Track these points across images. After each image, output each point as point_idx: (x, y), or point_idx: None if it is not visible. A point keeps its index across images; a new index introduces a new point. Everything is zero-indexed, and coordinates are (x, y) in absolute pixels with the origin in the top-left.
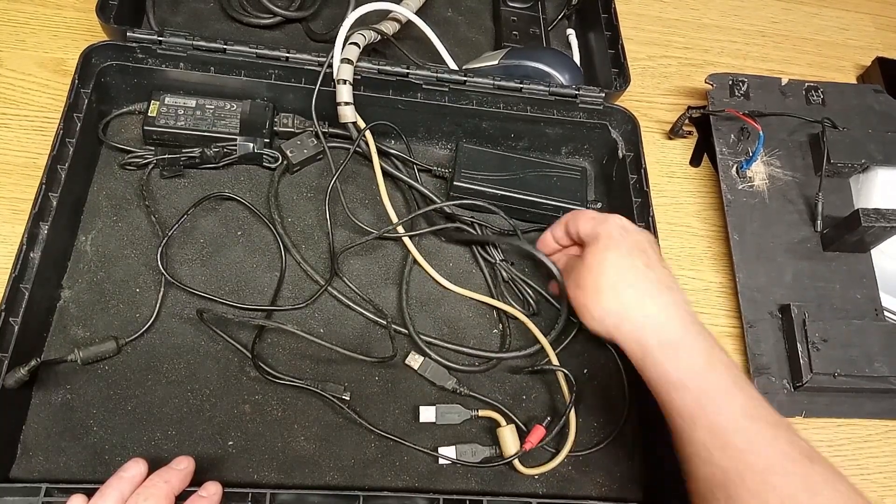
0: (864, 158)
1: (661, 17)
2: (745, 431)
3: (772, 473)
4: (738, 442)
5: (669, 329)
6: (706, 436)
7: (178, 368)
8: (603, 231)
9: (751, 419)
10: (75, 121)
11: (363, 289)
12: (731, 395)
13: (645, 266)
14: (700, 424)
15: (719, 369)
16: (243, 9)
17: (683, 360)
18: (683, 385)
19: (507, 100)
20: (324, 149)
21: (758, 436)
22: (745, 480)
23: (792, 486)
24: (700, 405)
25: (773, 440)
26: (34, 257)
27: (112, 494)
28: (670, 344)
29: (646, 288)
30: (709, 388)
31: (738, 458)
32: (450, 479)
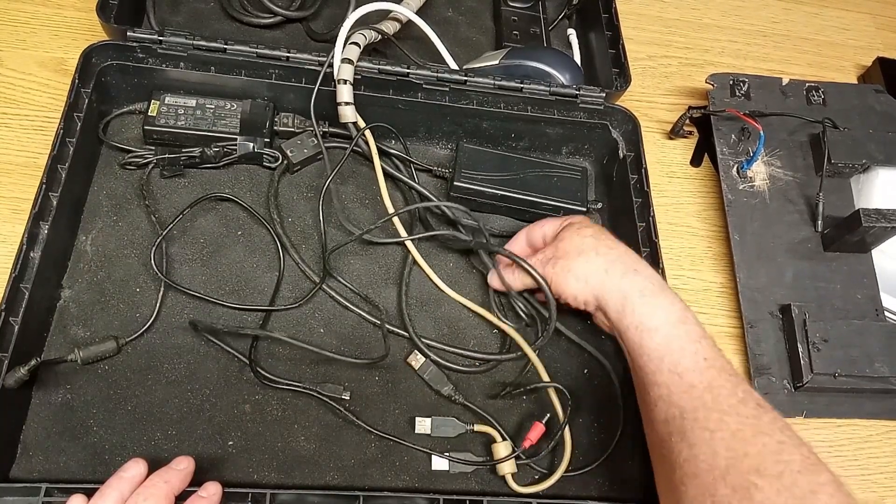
0: (865, 158)
1: (662, 17)
2: (706, 375)
3: (726, 413)
4: (698, 383)
5: (650, 283)
6: (670, 377)
7: (178, 368)
8: (570, 220)
9: (715, 369)
10: (75, 120)
11: (363, 289)
12: (700, 344)
13: (615, 242)
14: (666, 366)
15: (692, 322)
16: (244, 8)
17: (661, 308)
18: (657, 329)
19: (508, 100)
20: (322, 149)
21: (718, 381)
22: (700, 419)
23: (742, 426)
24: (670, 348)
25: (732, 388)
26: (34, 257)
27: (112, 495)
28: (651, 294)
29: (624, 251)
30: (681, 334)
31: (697, 397)
32: (450, 479)
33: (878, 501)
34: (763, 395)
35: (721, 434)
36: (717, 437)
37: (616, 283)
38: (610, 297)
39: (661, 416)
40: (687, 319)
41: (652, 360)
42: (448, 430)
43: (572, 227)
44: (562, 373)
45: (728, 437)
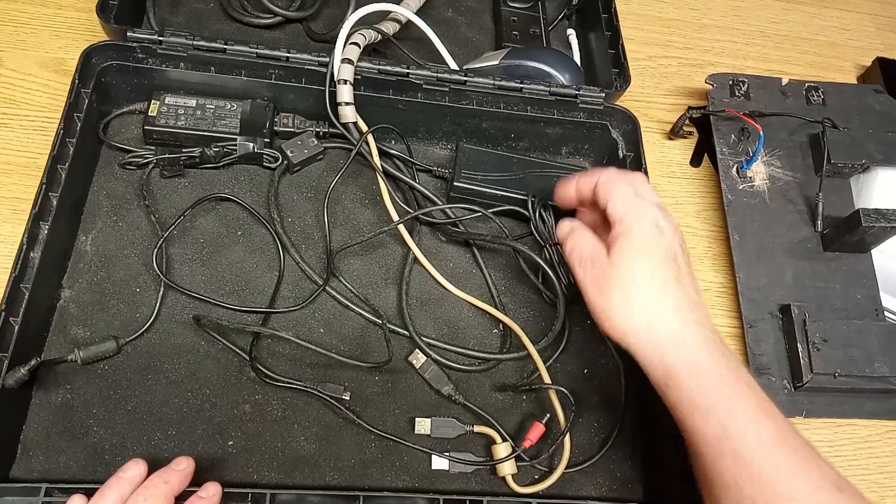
0: (865, 158)
1: (662, 18)
2: (772, 460)
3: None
4: (766, 472)
5: (695, 350)
6: (732, 464)
7: (178, 368)
8: (637, 228)
9: (778, 447)
10: (75, 120)
11: (363, 289)
12: (759, 422)
13: (675, 279)
14: (726, 452)
15: (745, 394)
16: (243, 9)
17: (709, 385)
18: (709, 411)
19: (508, 100)
20: (323, 149)
21: (786, 465)
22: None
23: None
24: (727, 433)
25: (801, 469)
26: (34, 257)
27: (111, 495)
28: (696, 366)
29: (674, 304)
30: (736, 414)
31: (766, 488)
32: (450, 479)
33: (878, 501)
34: None
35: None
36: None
37: (656, 352)
38: (648, 364)
39: (726, 502)
40: (740, 390)
41: (709, 446)
42: (448, 431)
43: (630, 246)
44: (562, 372)
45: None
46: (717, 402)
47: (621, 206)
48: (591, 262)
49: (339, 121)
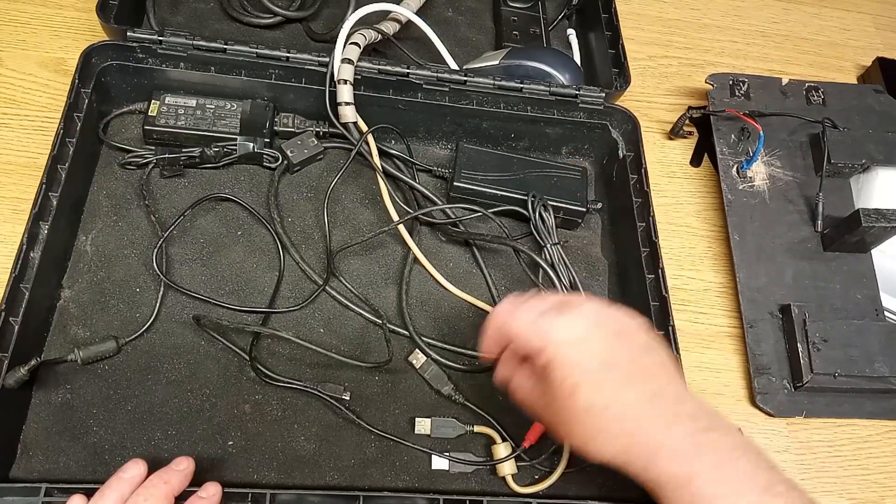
0: (865, 158)
1: (662, 18)
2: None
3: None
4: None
5: (678, 462)
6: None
7: (178, 368)
8: (554, 356)
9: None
10: (75, 120)
11: (363, 289)
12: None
13: (620, 386)
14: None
15: (743, 493)
16: (243, 9)
17: (703, 498)
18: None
19: (508, 100)
20: (323, 149)
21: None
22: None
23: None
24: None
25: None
26: (34, 257)
27: (111, 495)
28: (686, 480)
29: (635, 414)
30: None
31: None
32: (450, 479)
33: (878, 501)
34: (763, 396)
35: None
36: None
37: (643, 472)
38: (644, 484)
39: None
40: (732, 487)
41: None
42: (448, 431)
43: (562, 380)
44: None
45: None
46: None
47: (530, 340)
48: (542, 408)
49: (339, 121)
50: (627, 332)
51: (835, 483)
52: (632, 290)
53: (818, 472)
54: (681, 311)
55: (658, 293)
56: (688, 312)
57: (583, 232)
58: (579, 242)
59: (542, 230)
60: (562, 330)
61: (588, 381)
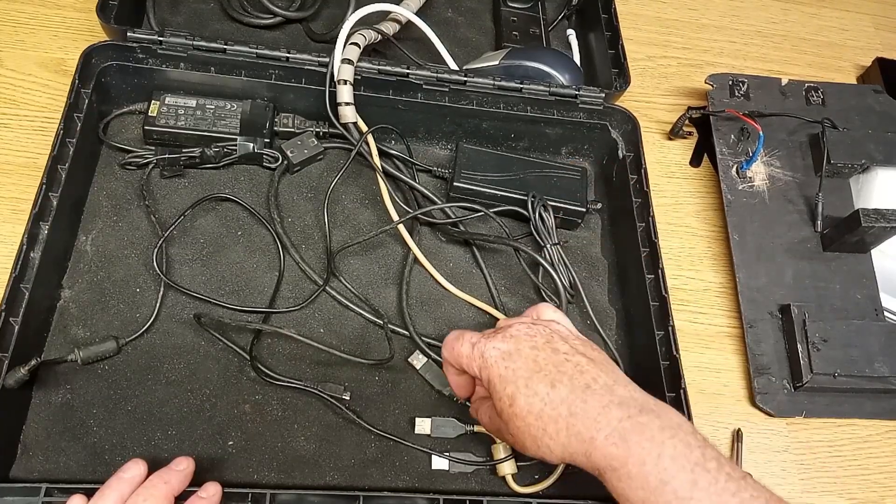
0: (864, 159)
1: (661, 18)
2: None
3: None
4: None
5: (611, 446)
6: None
7: (178, 368)
8: (490, 374)
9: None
10: (75, 121)
11: (363, 289)
12: (693, 500)
13: (550, 386)
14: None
15: (672, 472)
16: (243, 9)
17: (636, 479)
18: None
19: (508, 100)
20: (323, 149)
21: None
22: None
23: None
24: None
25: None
26: (34, 257)
27: (111, 495)
28: (619, 463)
29: (568, 409)
30: (670, 499)
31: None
32: (450, 479)
33: (878, 501)
34: (763, 395)
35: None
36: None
37: (587, 465)
38: (602, 459)
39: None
40: (663, 477)
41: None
42: (448, 431)
43: (498, 394)
44: None
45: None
46: (647, 498)
47: (472, 367)
48: (499, 432)
49: (339, 121)
50: (555, 338)
51: (835, 483)
52: (632, 290)
53: (818, 472)
54: (680, 311)
55: (658, 293)
56: (687, 312)
57: (583, 232)
58: (579, 242)
59: (542, 230)
60: (493, 349)
61: (521, 388)
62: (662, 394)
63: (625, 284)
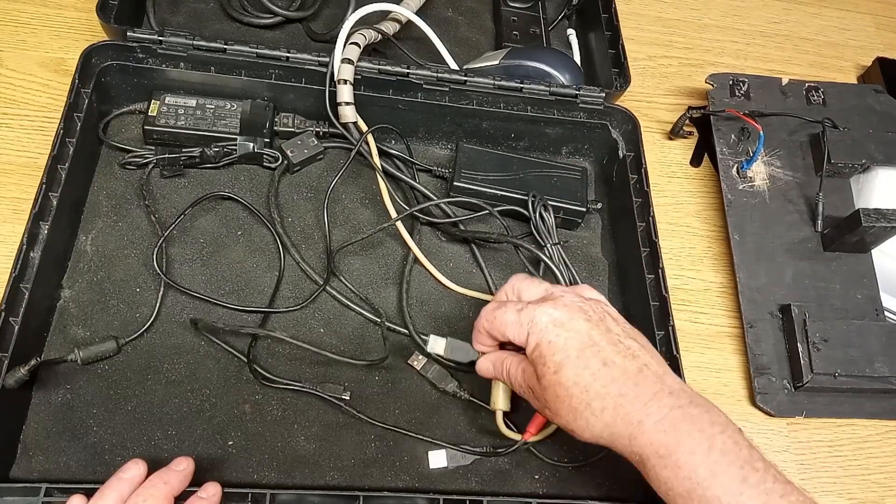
0: (865, 158)
1: (662, 18)
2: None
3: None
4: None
5: (660, 433)
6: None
7: (178, 368)
8: (539, 339)
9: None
10: (75, 120)
11: (363, 288)
12: (743, 495)
13: (602, 363)
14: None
15: (723, 466)
16: (243, 9)
17: (684, 468)
18: (690, 496)
19: (508, 100)
20: (323, 149)
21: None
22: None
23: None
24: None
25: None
26: (34, 257)
27: (111, 496)
28: (667, 451)
29: (618, 390)
30: (719, 493)
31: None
32: (450, 479)
33: (878, 501)
34: (763, 395)
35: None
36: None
37: (627, 448)
38: (629, 458)
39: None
40: (716, 464)
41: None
42: (461, 355)
43: (545, 360)
44: None
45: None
46: (696, 486)
47: (517, 332)
48: (530, 391)
49: (339, 121)
50: (608, 318)
51: (835, 483)
52: (632, 290)
53: (818, 472)
54: (681, 311)
55: (658, 293)
56: (688, 312)
57: (583, 232)
58: (579, 242)
59: (543, 230)
60: (544, 314)
61: (571, 359)
62: None
63: (625, 284)
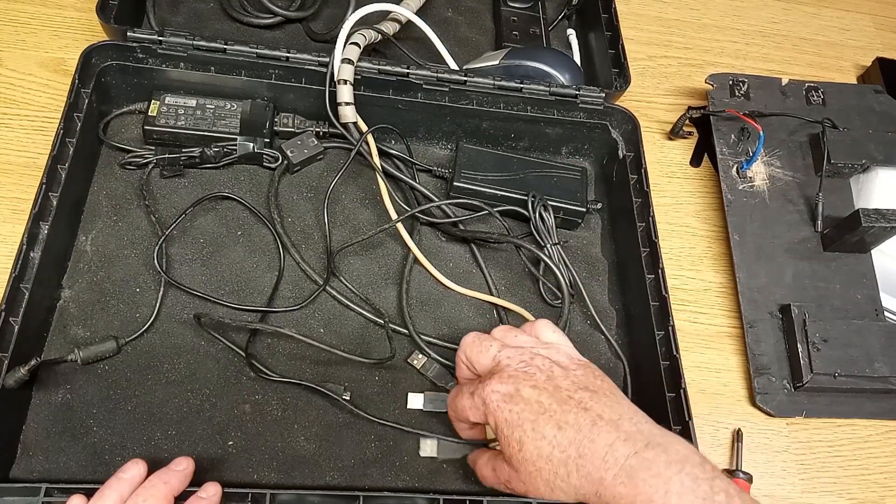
0: (865, 158)
1: (661, 18)
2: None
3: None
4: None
5: (619, 485)
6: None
7: (178, 368)
8: (496, 419)
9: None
10: (75, 120)
11: (363, 288)
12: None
13: (557, 428)
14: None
15: (677, 498)
16: (243, 9)
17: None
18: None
19: (508, 100)
20: (323, 149)
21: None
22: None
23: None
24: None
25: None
26: (34, 257)
27: (111, 496)
28: (627, 498)
29: (577, 451)
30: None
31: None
32: (450, 479)
33: (878, 501)
34: (763, 395)
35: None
36: None
37: (614, 476)
38: (613, 500)
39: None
40: (714, 493)
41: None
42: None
43: (506, 440)
44: None
45: None
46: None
47: (477, 416)
48: (508, 482)
49: (339, 121)
50: (556, 370)
51: (835, 483)
52: (632, 290)
53: (818, 472)
54: (681, 311)
55: (658, 293)
56: (688, 312)
57: (583, 232)
58: (579, 242)
59: (542, 230)
60: (493, 393)
61: (528, 433)
62: (662, 394)
63: (625, 284)
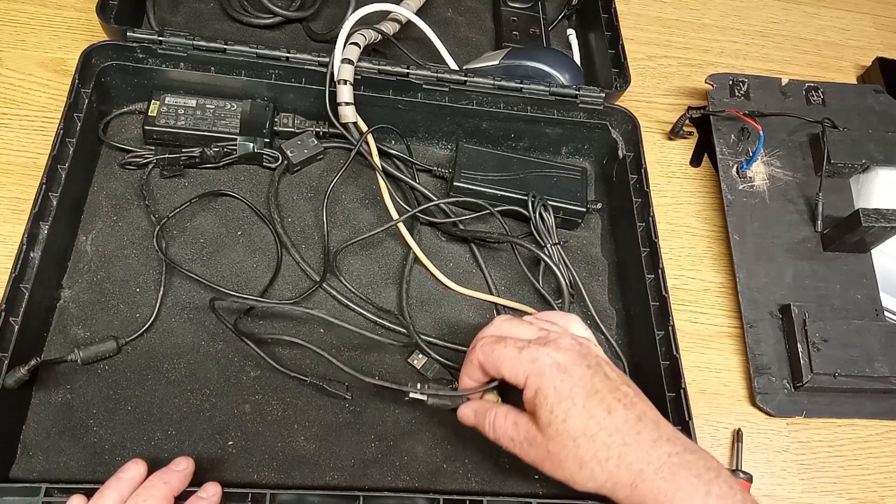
0: (865, 158)
1: (661, 18)
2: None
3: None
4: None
5: (660, 480)
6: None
7: (178, 368)
8: (542, 384)
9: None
10: (75, 121)
11: (363, 289)
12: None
13: (607, 412)
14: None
15: (715, 501)
16: (243, 9)
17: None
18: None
19: (508, 100)
20: (323, 149)
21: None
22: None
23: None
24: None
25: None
26: (34, 257)
27: (111, 496)
28: (666, 497)
29: (622, 439)
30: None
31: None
32: (450, 479)
33: (878, 501)
34: (763, 395)
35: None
36: None
37: (628, 498)
38: (651, 492)
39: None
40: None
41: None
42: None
43: (548, 406)
44: None
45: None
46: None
47: (514, 371)
48: (527, 443)
49: (339, 121)
50: (603, 363)
51: (835, 483)
52: (632, 290)
53: (818, 472)
54: (681, 311)
55: (658, 293)
56: (688, 312)
57: (583, 232)
58: (579, 242)
59: (542, 230)
60: (548, 357)
61: (577, 407)
62: (662, 394)
63: (625, 284)
